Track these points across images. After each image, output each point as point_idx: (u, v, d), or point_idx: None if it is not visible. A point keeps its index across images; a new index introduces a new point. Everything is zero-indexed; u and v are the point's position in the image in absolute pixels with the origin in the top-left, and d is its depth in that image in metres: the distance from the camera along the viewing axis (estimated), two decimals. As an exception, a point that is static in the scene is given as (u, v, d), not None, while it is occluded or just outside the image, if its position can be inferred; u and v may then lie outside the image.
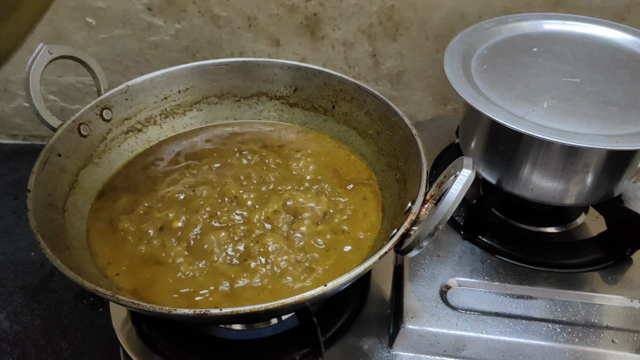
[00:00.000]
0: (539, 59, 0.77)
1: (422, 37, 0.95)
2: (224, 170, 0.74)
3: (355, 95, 0.78)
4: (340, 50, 0.98)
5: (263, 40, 0.97)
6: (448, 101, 1.03)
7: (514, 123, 0.64)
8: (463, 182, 0.51)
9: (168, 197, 0.70)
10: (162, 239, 0.65)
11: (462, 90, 0.69)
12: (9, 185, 1.05)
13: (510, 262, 0.75)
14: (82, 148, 0.71)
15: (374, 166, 0.75)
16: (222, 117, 0.83)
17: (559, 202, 0.72)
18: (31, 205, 0.58)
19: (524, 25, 0.84)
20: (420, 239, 0.53)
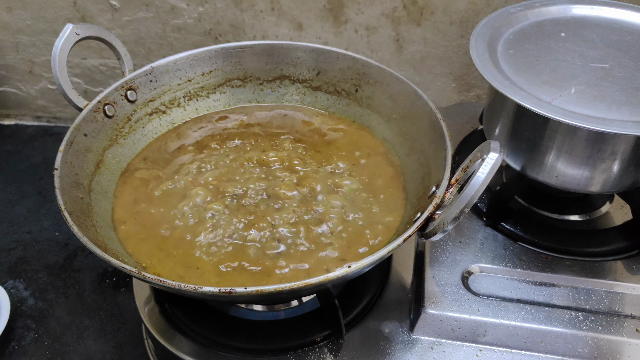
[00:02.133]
0: (567, 44, 0.76)
1: (446, 21, 0.94)
2: (248, 152, 0.75)
3: (379, 78, 0.77)
4: (363, 35, 0.97)
5: (286, 24, 0.97)
6: (471, 87, 1.02)
7: (541, 108, 0.64)
8: (490, 165, 0.51)
9: (192, 177, 0.70)
10: (186, 218, 0.65)
11: (489, 74, 0.69)
12: (34, 166, 1.06)
13: (533, 250, 0.75)
14: (107, 128, 0.71)
15: (397, 150, 0.75)
16: (244, 100, 0.83)
17: (584, 189, 0.71)
18: (58, 184, 0.59)
19: (552, 9, 0.82)
20: (445, 222, 0.52)
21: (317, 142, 0.77)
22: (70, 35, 0.68)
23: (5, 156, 1.09)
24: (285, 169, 0.72)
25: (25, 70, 1.10)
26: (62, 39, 0.68)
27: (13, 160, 1.08)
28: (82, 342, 0.78)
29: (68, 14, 1.01)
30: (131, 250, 0.62)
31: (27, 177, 1.04)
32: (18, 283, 0.86)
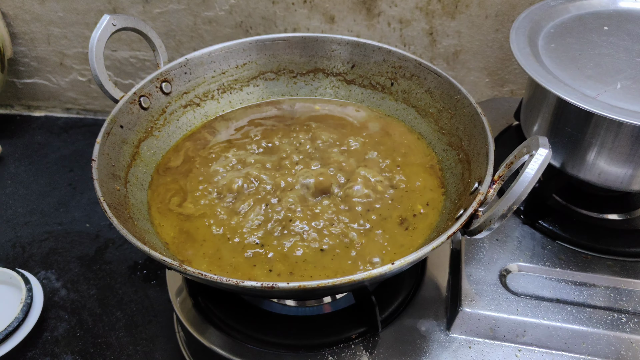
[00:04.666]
0: (610, 38, 0.74)
1: (481, 15, 0.92)
2: (282, 145, 0.74)
3: (415, 72, 0.76)
4: (396, 28, 0.96)
5: (318, 16, 0.96)
6: (505, 82, 1.00)
7: (587, 104, 0.62)
8: (540, 162, 0.49)
9: (227, 171, 0.70)
10: (219, 211, 0.65)
11: (531, 68, 0.67)
12: (64, 158, 1.07)
13: (572, 249, 0.73)
14: (143, 120, 0.71)
15: (434, 145, 0.73)
16: (278, 93, 0.82)
17: (627, 187, 0.69)
18: (96, 175, 0.59)
19: (593, 2, 0.80)
20: (492, 220, 0.51)
21: (352, 135, 0.76)
22: (107, 26, 0.68)
23: (36, 148, 1.10)
24: (320, 160, 0.71)
25: (56, 62, 1.10)
26: (99, 29, 0.67)
27: (44, 151, 1.09)
28: (114, 334, 0.78)
29: (100, 6, 1.01)
30: (169, 243, 0.62)
31: (57, 169, 1.04)
32: (50, 274, 0.86)
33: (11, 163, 1.06)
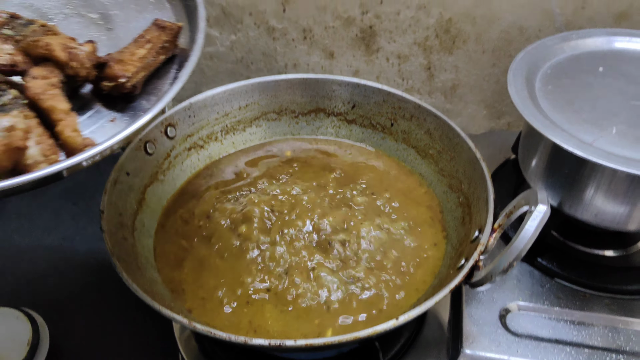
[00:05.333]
0: (606, 79, 0.75)
1: (478, 50, 0.94)
2: (283, 186, 0.75)
3: (415, 113, 0.78)
4: (395, 63, 0.97)
5: (317, 52, 0.97)
6: (502, 115, 1.02)
7: (583, 151, 0.63)
8: (539, 219, 0.51)
9: (230, 213, 0.71)
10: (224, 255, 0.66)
11: (529, 114, 0.68)
12: (67, 191, 1.08)
13: (570, 287, 0.74)
14: (148, 166, 0.72)
15: (435, 187, 0.75)
16: (280, 133, 0.84)
17: (623, 227, 0.71)
18: (105, 227, 0.60)
19: (589, 42, 0.82)
20: (493, 274, 0.53)
21: (351, 175, 0.77)
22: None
23: (39, 181, 1.11)
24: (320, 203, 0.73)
25: (59, 95, 1.11)
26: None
27: (47, 185, 1.10)
28: (120, 374, 0.79)
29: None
30: (176, 292, 0.63)
31: (61, 203, 1.05)
32: (56, 312, 0.87)
33: (15, 198, 1.07)
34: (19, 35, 0.54)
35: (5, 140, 0.45)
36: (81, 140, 0.50)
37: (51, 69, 0.53)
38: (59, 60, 0.53)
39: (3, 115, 0.46)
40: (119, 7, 0.61)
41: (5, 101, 0.49)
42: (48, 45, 0.52)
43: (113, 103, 0.56)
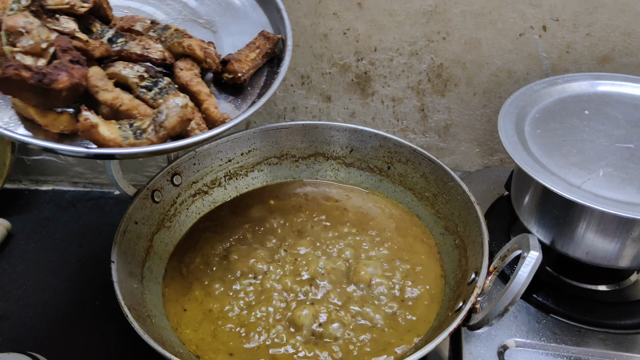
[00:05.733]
0: (591, 123, 0.79)
1: (469, 92, 0.98)
2: (286, 230, 0.78)
3: (410, 157, 0.81)
4: (389, 105, 1.01)
5: (315, 96, 1.01)
6: (494, 152, 1.05)
7: (572, 194, 0.66)
8: (531, 265, 0.54)
9: (236, 259, 0.74)
10: (231, 303, 0.68)
11: (519, 158, 0.72)
12: (72, 233, 1.10)
13: (566, 322, 0.77)
14: (155, 213, 0.75)
15: (432, 229, 0.78)
16: (281, 176, 0.87)
17: (614, 265, 0.73)
18: (116, 277, 0.63)
19: (574, 86, 0.86)
20: (490, 318, 0.55)
21: (352, 218, 0.80)
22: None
23: (45, 223, 1.13)
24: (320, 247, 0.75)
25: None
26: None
27: (52, 227, 1.12)
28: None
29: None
30: (184, 337, 0.65)
31: (66, 245, 1.07)
32: (61, 354, 0.88)
33: (21, 240, 1.09)
34: (161, 38, 0.68)
35: (181, 113, 0.59)
36: (220, 115, 0.65)
37: (192, 63, 0.68)
38: (198, 57, 0.68)
39: (173, 95, 0.61)
40: (218, 15, 0.77)
41: (163, 86, 0.65)
42: (190, 45, 0.67)
43: (225, 88, 0.72)
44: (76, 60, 0.58)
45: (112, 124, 0.58)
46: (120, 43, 0.65)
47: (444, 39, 0.92)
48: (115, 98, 0.60)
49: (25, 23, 0.58)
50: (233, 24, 0.76)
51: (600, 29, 0.89)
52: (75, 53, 0.58)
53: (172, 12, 0.75)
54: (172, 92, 0.63)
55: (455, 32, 0.91)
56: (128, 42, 0.65)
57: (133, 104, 0.61)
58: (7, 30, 0.59)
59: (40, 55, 0.59)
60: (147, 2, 0.74)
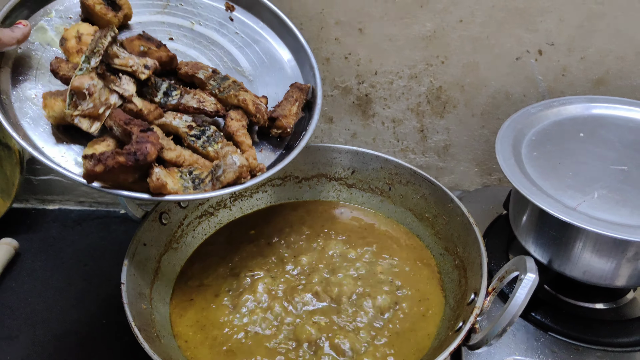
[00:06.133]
0: (586, 145, 0.81)
1: (468, 114, 1.01)
2: (290, 250, 0.80)
3: (411, 179, 0.83)
4: (390, 126, 1.04)
5: (318, 118, 1.04)
6: (493, 171, 1.08)
7: (568, 216, 0.68)
8: (528, 287, 0.56)
9: (242, 279, 0.75)
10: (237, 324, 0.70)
11: (516, 181, 0.74)
12: (79, 252, 1.12)
13: (564, 340, 0.78)
14: (163, 235, 0.77)
15: (432, 249, 0.80)
16: (284, 197, 0.89)
17: (610, 284, 0.75)
18: (126, 299, 0.64)
19: (569, 108, 0.88)
20: (489, 338, 0.57)
21: (354, 238, 0.82)
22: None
23: (51, 242, 1.15)
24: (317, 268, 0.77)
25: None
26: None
27: (59, 246, 1.14)
28: None
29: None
30: (192, 358, 0.66)
31: (73, 264, 1.09)
32: (70, 374, 0.89)
33: (28, 259, 1.11)
34: (220, 87, 0.74)
35: (238, 172, 0.66)
36: (257, 165, 0.70)
37: (242, 114, 0.73)
38: (249, 112, 0.74)
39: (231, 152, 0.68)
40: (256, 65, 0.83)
41: (210, 134, 0.70)
42: (244, 100, 0.73)
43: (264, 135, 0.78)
44: (146, 128, 0.62)
45: (174, 173, 0.64)
46: (175, 96, 0.70)
47: (443, 62, 0.95)
48: (179, 156, 0.66)
49: (89, 85, 0.61)
50: (268, 75, 0.82)
51: (594, 53, 0.92)
52: (139, 122, 0.63)
53: (215, 58, 0.80)
54: (219, 140, 0.70)
55: (454, 56, 0.94)
56: (184, 95, 0.70)
57: (193, 159, 0.68)
58: (72, 90, 0.62)
59: (97, 118, 0.62)
60: (192, 47, 0.79)
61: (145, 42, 0.71)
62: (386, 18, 0.90)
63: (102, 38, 0.64)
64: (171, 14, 0.81)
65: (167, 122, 0.68)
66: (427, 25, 0.91)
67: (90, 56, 0.63)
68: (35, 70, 0.69)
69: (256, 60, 0.82)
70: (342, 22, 0.91)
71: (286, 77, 0.83)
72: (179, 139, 0.69)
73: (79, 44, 0.69)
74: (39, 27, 0.72)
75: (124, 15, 0.75)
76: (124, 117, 0.62)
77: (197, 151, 0.69)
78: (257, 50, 0.83)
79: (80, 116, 0.61)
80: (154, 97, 0.69)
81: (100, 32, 0.66)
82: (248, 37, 0.84)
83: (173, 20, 0.80)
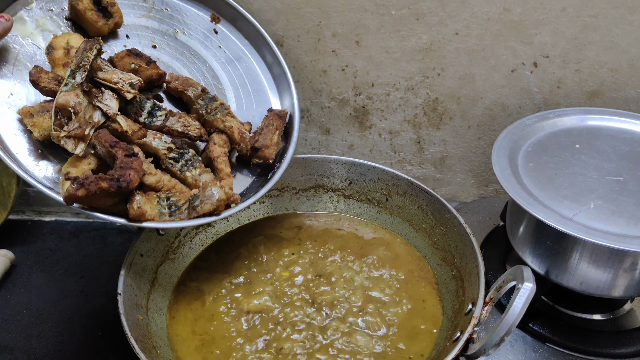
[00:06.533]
0: (582, 156, 0.82)
1: (464, 125, 1.01)
2: (286, 261, 0.80)
3: (408, 190, 0.83)
4: (387, 138, 1.04)
5: (315, 129, 1.04)
6: (489, 183, 1.08)
7: (564, 226, 0.69)
8: (525, 296, 0.56)
9: (239, 290, 0.75)
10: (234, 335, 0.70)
11: (513, 192, 0.74)
12: (75, 264, 1.11)
13: (562, 351, 0.78)
14: (160, 246, 0.77)
15: (429, 260, 0.80)
16: (282, 208, 0.89)
17: (607, 294, 0.75)
18: (122, 309, 0.64)
19: (565, 120, 0.89)
20: (486, 348, 0.57)
21: (352, 248, 0.82)
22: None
23: (47, 254, 1.14)
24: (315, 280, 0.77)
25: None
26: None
27: (55, 258, 1.13)
28: None
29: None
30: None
31: (69, 276, 1.08)
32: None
33: (24, 271, 1.10)
34: (207, 108, 0.74)
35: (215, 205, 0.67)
36: (232, 195, 0.70)
37: (225, 140, 0.74)
38: (234, 139, 0.74)
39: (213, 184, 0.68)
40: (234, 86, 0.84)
41: (188, 158, 0.71)
42: (231, 127, 0.74)
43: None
44: (131, 153, 0.63)
45: (152, 199, 0.65)
46: (160, 117, 0.70)
47: (439, 74, 0.96)
48: (158, 181, 0.67)
49: (75, 103, 0.62)
50: (247, 97, 0.83)
51: (589, 65, 0.93)
52: (124, 145, 0.63)
53: (196, 72, 0.81)
54: (197, 165, 0.70)
55: (450, 68, 0.95)
56: (168, 117, 0.70)
57: (171, 184, 0.68)
58: (57, 108, 0.62)
59: (82, 139, 0.63)
60: (175, 57, 0.79)
61: (135, 59, 0.71)
62: (383, 30, 0.91)
63: (87, 51, 0.64)
64: (156, 19, 0.80)
65: (147, 142, 0.68)
66: (423, 38, 0.92)
67: (76, 70, 0.63)
68: (11, 67, 0.67)
69: (237, 80, 0.83)
70: (339, 35, 0.92)
71: (266, 100, 0.84)
72: (157, 158, 0.70)
73: (66, 57, 0.68)
74: (17, 18, 0.69)
75: (115, 24, 0.75)
76: (109, 139, 0.63)
77: (174, 175, 0.70)
78: (238, 68, 0.84)
79: (66, 137, 0.61)
80: (138, 116, 0.69)
81: (85, 44, 0.65)
82: (231, 52, 0.84)
83: (157, 26, 0.80)
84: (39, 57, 0.70)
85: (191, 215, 0.66)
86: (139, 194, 0.63)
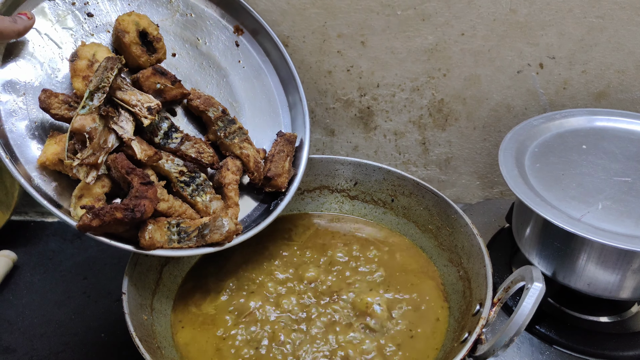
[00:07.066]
0: (589, 157, 0.81)
1: (470, 127, 1.01)
2: (292, 261, 0.79)
3: (414, 190, 0.83)
4: (392, 139, 1.04)
5: (319, 130, 1.04)
6: (495, 184, 1.08)
7: (573, 227, 0.68)
8: (535, 296, 0.55)
9: (244, 291, 0.75)
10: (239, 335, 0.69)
11: (520, 192, 0.74)
12: (78, 266, 1.11)
13: (569, 353, 0.77)
14: (165, 246, 0.76)
15: (436, 261, 0.79)
16: (287, 209, 0.88)
17: (615, 296, 0.75)
18: (127, 309, 0.63)
19: (572, 121, 0.88)
20: (495, 349, 0.56)
21: (358, 250, 0.81)
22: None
23: (50, 255, 1.14)
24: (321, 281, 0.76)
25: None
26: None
27: (58, 259, 1.13)
28: None
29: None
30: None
31: (72, 277, 1.08)
32: (68, 388, 0.88)
33: (27, 272, 1.10)
34: (226, 131, 0.74)
35: (225, 235, 0.68)
36: (235, 225, 0.70)
37: (238, 167, 0.74)
38: (248, 168, 0.76)
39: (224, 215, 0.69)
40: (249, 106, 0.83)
41: (199, 182, 0.71)
42: (247, 156, 0.75)
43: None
44: (147, 181, 0.62)
45: (162, 226, 0.65)
46: (175, 140, 0.69)
47: (445, 75, 0.95)
48: (170, 207, 0.67)
49: (91, 129, 0.60)
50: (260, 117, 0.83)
51: (595, 66, 0.92)
52: (140, 172, 0.63)
53: (214, 86, 0.80)
54: (208, 191, 0.71)
55: (456, 69, 0.95)
56: (184, 142, 0.70)
57: (182, 210, 0.69)
58: (72, 132, 0.60)
59: (94, 167, 0.62)
60: (194, 69, 0.79)
61: (160, 79, 0.69)
62: (388, 31, 0.91)
63: (108, 70, 0.62)
64: (180, 24, 0.79)
65: (160, 164, 0.68)
66: (429, 39, 0.92)
67: (94, 92, 0.61)
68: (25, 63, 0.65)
69: (253, 99, 0.82)
70: (344, 35, 0.92)
71: (277, 123, 0.84)
72: (168, 180, 0.70)
73: (89, 69, 0.66)
74: (38, 10, 0.67)
75: (157, 60, 0.73)
76: (126, 166, 0.63)
77: (184, 199, 0.70)
78: (255, 87, 0.83)
79: (79, 166, 0.60)
80: (154, 135, 0.68)
81: (107, 62, 0.63)
82: (251, 69, 0.84)
83: (180, 32, 0.78)
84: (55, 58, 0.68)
85: (199, 243, 0.67)
86: (150, 222, 0.64)
